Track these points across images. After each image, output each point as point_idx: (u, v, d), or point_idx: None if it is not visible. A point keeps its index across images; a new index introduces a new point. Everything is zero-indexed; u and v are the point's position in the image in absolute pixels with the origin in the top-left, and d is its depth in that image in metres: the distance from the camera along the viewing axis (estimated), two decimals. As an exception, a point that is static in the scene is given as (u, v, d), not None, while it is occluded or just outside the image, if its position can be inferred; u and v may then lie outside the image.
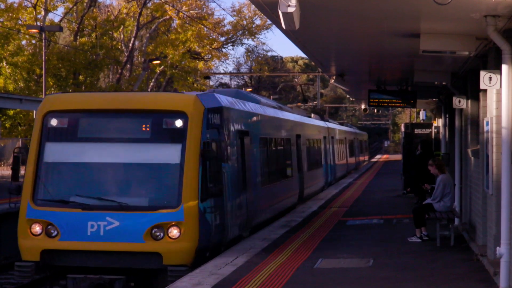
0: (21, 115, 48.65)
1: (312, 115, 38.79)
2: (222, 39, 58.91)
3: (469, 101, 16.91)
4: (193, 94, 14.94)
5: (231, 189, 15.70)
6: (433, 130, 29.07)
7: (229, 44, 61.73)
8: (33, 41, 50.51)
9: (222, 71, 73.17)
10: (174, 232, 13.59)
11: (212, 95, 15.80)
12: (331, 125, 41.60)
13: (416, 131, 29.75)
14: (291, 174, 25.69)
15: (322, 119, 40.37)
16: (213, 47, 56.03)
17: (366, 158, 70.62)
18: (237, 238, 16.43)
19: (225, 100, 16.27)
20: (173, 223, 13.60)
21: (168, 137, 14.27)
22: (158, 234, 13.62)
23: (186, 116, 14.12)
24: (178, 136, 14.10)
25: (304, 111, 39.01)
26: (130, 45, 50.91)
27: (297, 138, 26.99)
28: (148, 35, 54.67)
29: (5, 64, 48.10)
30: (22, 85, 49.14)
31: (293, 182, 25.80)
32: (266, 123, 21.38)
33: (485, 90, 13.72)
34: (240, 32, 59.79)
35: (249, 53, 78.21)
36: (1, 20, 48.38)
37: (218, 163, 14.27)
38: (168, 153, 14.18)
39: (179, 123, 14.08)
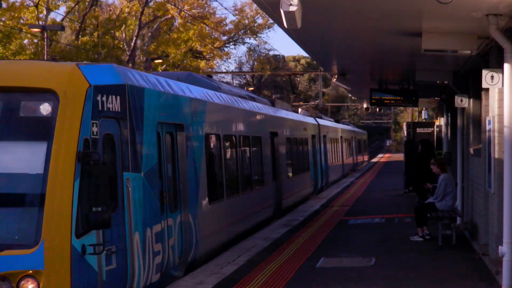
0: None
1: (300, 110, 37.48)
2: (224, 38, 58.94)
3: (471, 100, 16.89)
4: (71, 64, 9.91)
5: (145, 212, 10.70)
6: (435, 129, 29.04)
7: (231, 43, 61.75)
8: (35, 40, 50.57)
9: (224, 70, 73.11)
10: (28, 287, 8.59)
11: (107, 67, 10.42)
12: (323, 122, 37.04)
13: (418, 130, 29.73)
14: (262, 182, 20.17)
15: (316, 116, 37.21)
16: (215, 46, 56.06)
17: (366, 158, 67.06)
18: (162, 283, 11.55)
19: (133, 76, 11.06)
20: (28, 272, 8.58)
21: (24, 131, 9.26)
22: None
23: (56, 97, 9.18)
24: (41, 130, 9.16)
25: (289, 106, 31.49)
26: (132, 44, 50.94)
27: (272, 136, 21.79)
28: (150, 34, 54.71)
29: (7, 63, 48.09)
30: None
31: (265, 192, 20.42)
32: (219, 115, 15.92)
33: (487, 89, 13.70)
34: (242, 31, 59.80)
35: (251, 52, 78.28)
36: (3, 19, 48.46)
37: (112, 173, 9.68)
38: (23, 158, 9.12)
39: (44, 108, 9.16)
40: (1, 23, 46.51)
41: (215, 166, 15.49)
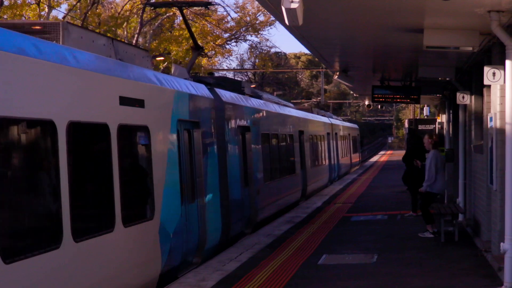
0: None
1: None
2: (226, 35, 58.98)
3: (473, 96, 16.89)
4: None
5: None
6: (437, 125, 29.04)
7: (233, 41, 61.77)
8: (37, 38, 50.61)
9: (226, 68, 73.15)
10: None
11: None
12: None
13: (420, 127, 29.75)
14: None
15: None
16: (216, 43, 56.12)
17: (357, 160, 59.74)
18: None
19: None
20: None
21: None
22: None
23: None
24: None
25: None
26: (134, 41, 50.95)
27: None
28: (151, 31, 54.76)
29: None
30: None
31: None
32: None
33: (489, 86, 13.71)
34: (244, 28, 59.84)
35: (252, 49, 78.21)
36: (5, 17, 48.51)
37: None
38: None
39: None
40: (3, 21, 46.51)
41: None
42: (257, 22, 60.30)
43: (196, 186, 14.01)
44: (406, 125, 32.80)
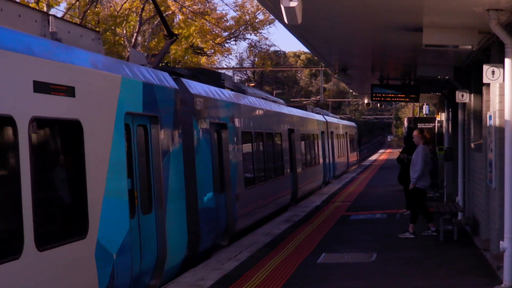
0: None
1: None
2: (225, 34, 58.95)
3: (472, 95, 16.88)
4: None
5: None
6: (436, 124, 29.03)
7: (232, 39, 61.75)
8: (36, 37, 50.59)
9: (225, 66, 73.12)
10: None
11: None
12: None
13: (419, 125, 29.72)
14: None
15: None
16: (216, 42, 56.08)
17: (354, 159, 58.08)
18: None
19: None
20: None
21: None
22: None
23: None
24: None
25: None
26: (133, 40, 50.93)
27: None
28: (150, 30, 54.73)
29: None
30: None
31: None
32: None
33: (488, 84, 13.70)
34: (243, 27, 59.82)
35: (252, 48, 78.20)
36: (4, 16, 48.47)
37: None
38: None
39: None
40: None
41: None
42: (256, 21, 60.25)
43: (154, 193, 11.79)
44: (406, 123, 32.76)
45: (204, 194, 14.27)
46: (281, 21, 10.63)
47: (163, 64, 16.54)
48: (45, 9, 48.30)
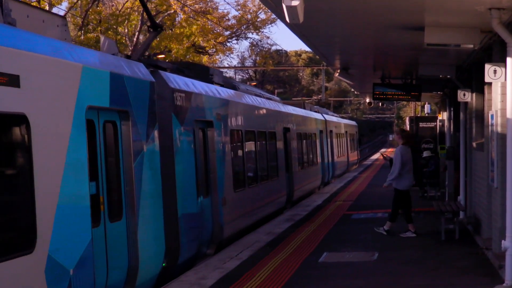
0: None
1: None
2: (227, 33, 58.97)
3: (474, 94, 16.87)
4: None
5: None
6: (438, 123, 29.01)
7: (234, 38, 61.77)
8: (38, 36, 50.57)
9: (227, 65, 73.12)
10: None
11: None
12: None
13: (421, 124, 29.70)
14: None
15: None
16: (217, 41, 56.09)
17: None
18: None
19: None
20: None
21: None
22: None
23: None
24: None
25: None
26: (135, 39, 50.92)
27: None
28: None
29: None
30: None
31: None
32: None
33: (489, 83, 13.69)
34: (245, 26, 59.82)
35: (253, 47, 78.22)
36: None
37: None
38: None
39: None
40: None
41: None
42: (258, 20, 60.25)
43: (125, 198, 10.52)
44: (407, 122, 32.72)
45: (185, 198, 12.95)
46: (283, 20, 10.62)
47: (146, 56, 15.51)
48: (47, 7, 48.35)
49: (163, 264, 11.80)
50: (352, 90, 52.43)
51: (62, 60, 8.92)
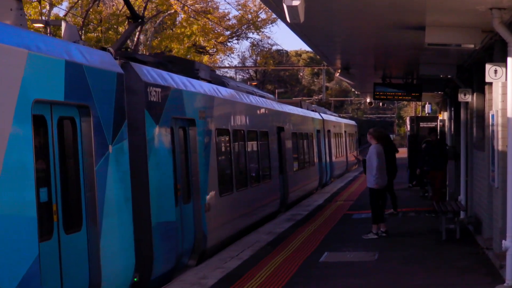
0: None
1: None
2: (227, 33, 58.97)
3: (475, 94, 16.87)
4: None
5: None
6: (439, 123, 29.02)
7: (234, 38, 61.78)
8: (38, 36, 50.55)
9: (227, 65, 73.18)
10: None
11: None
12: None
13: (422, 124, 29.71)
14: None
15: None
16: (218, 41, 56.08)
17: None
18: None
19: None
20: None
21: None
22: None
23: None
24: None
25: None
26: (135, 39, 50.94)
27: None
28: (153, 29, 54.73)
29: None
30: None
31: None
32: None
33: (490, 83, 13.69)
34: (245, 26, 59.82)
35: (254, 47, 78.22)
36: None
37: None
38: None
39: None
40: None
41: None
42: (258, 20, 60.25)
43: (85, 205, 9.23)
44: (408, 122, 32.72)
45: (161, 204, 11.52)
46: (284, 19, 10.62)
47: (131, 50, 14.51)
48: (47, 7, 48.34)
49: (135, 279, 10.59)
50: (353, 90, 52.42)
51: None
